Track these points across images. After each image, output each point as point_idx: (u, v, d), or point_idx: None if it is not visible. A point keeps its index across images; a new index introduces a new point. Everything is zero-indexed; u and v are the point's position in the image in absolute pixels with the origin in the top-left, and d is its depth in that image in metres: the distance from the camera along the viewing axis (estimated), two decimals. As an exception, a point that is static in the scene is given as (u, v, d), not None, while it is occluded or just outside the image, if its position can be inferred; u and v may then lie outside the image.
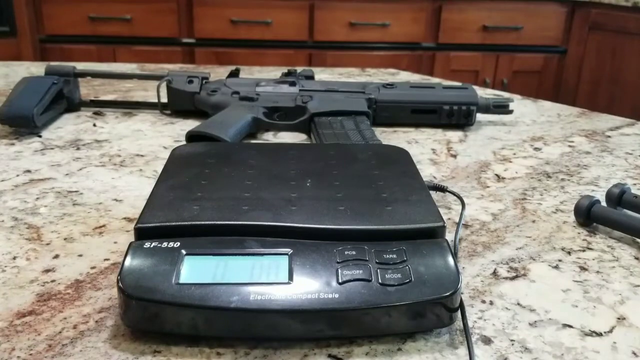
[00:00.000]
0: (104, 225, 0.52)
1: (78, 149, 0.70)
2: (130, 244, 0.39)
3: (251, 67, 1.20)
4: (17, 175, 0.62)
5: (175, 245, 0.39)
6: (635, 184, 0.65)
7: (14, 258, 0.46)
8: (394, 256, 0.39)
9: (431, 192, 0.48)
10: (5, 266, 0.45)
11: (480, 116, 0.85)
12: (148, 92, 0.96)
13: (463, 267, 0.47)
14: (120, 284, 0.36)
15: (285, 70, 0.87)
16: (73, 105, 0.84)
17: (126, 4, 2.23)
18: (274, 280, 0.37)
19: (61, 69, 0.83)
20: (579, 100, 2.32)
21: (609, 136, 0.82)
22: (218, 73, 1.02)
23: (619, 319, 0.41)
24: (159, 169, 0.49)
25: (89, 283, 0.43)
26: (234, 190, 0.45)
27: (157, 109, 0.85)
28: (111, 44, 2.27)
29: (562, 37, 2.33)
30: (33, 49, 2.25)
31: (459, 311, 0.39)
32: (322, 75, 1.14)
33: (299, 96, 0.80)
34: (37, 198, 0.57)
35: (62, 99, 0.82)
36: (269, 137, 0.77)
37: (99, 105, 0.87)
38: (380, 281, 0.37)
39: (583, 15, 2.27)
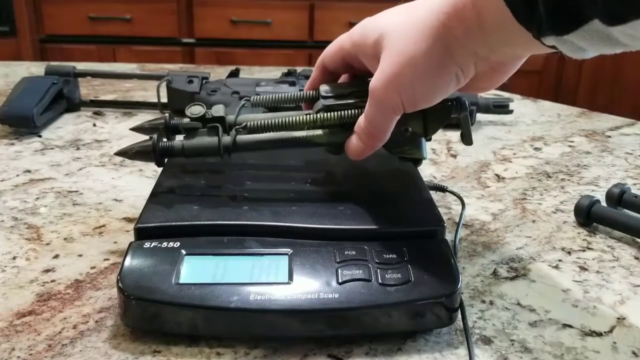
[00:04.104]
0: (104, 225, 0.52)
1: (78, 149, 0.70)
2: (130, 244, 0.39)
3: (251, 67, 1.20)
4: (17, 175, 0.62)
5: (175, 245, 0.39)
6: (635, 184, 0.65)
7: (14, 258, 0.46)
8: (394, 256, 0.39)
9: (431, 192, 0.48)
10: (5, 266, 0.45)
11: (480, 116, 0.85)
12: (148, 92, 0.96)
13: (463, 267, 0.47)
14: (120, 284, 0.36)
15: (285, 70, 0.87)
16: (73, 105, 0.84)
17: (126, 4, 2.23)
18: (274, 280, 0.37)
19: (61, 69, 0.83)
20: (579, 100, 2.32)
21: (609, 136, 0.82)
22: (218, 73, 1.02)
23: (619, 319, 0.41)
24: (159, 169, 0.48)
25: (89, 283, 0.43)
26: (234, 190, 0.45)
27: (157, 109, 0.85)
28: (111, 44, 2.27)
29: (562, 37, 2.33)
30: (33, 49, 2.25)
31: (459, 311, 0.39)
32: (322, 75, 1.13)
33: (299, 96, 0.80)
34: (37, 198, 0.57)
35: (62, 99, 0.82)
36: (269, 137, 0.77)
37: (99, 105, 0.87)
38: (380, 281, 0.37)
39: (583, 15, 2.27)
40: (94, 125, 0.79)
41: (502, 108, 0.83)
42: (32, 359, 0.35)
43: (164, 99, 0.84)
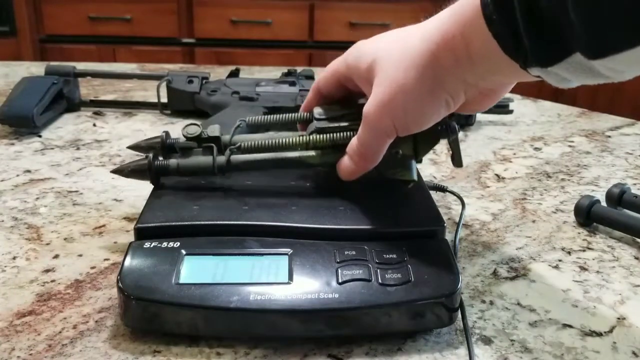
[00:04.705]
0: (104, 225, 0.52)
1: (78, 149, 0.70)
2: (130, 244, 0.39)
3: (251, 67, 1.20)
4: (17, 175, 0.62)
5: (175, 245, 0.39)
6: (635, 184, 0.65)
7: (14, 258, 0.46)
8: (394, 256, 0.39)
9: (431, 192, 0.48)
10: (5, 266, 0.45)
11: (480, 116, 0.85)
12: (148, 92, 0.96)
13: (463, 267, 0.47)
14: (120, 284, 0.36)
15: (285, 70, 0.87)
16: (73, 105, 0.84)
17: (126, 4, 2.23)
18: (274, 280, 0.37)
19: (61, 69, 0.83)
20: (579, 100, 2.32)
21: (609, 136, 0.82)
22: (218, 73, 1.02)
23: (619, 319, 0.41)
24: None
25: (89, 283, 0.43)
26: (234, 190, 0.45)
27: (157, 109, 0.85)
28: (111, 44, 2.27)
29: (562, 37, 2.33)
30: (33, 49, 2.25)
31: (459, 311, 0.39)
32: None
33: (299, 96, 0.80)
34: (37, 198, 0.57)
35: (62, 99, 0.82)
36: (269, 137, 0.77)
37: (99, 105, 0.87)
38: (380, 281, 0.37)
39: (583, 15, 2.27)
40: (94, 125, 0.79)
41: (502, 108, 0.83)
42: (32, 359, 0.35)
43: (164, 99, 0.84)
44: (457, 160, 0.46)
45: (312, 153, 0.45)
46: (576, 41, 0.30)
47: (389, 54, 0.40)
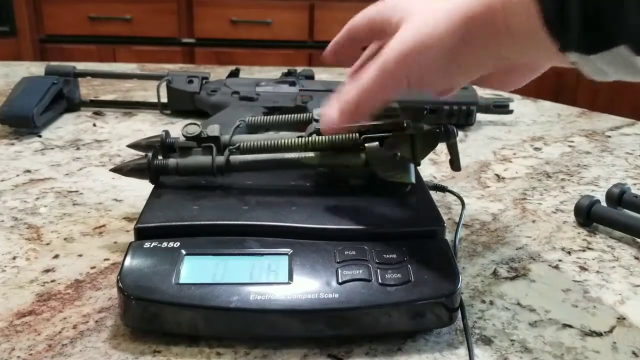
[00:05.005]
0: (104, 225, 0.52)
1: (78, 149, 0.70)
2: (130, 244, 0.39)
3: (251, 67, 1.20)
4: (17, 175, 0.62)
5: (175, 245, 0.39)
6: (635, 184, 0.65)
7: (14, 258, 0.46)
8: (394, 256, 0.39)
9: (431, 192, 0.48)
10: (5, 266, 0.45)
11: (480, 116, 0.85)
12: (148, 92, 0.96)
13: (463, 267, 0.47)
14: (120, 284, 0.36)
15: (285, 70, 0.87)
16: (73, 105, 0.84)
17: (126, 4, 2.23)
18: (274, 280, 0.37)
19: (61, 69, 0.83)
20: (579, 100, 2.32)
21: (609, 136, 0.82)
22: (218, 73, 1.02)
23: (619, 319, 0.41)
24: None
25: (89, 283, 0.43)
26: (234, 189, 0.45)
27: (157, 109, 0.85)
28: (111, 44, 2.27)
29: (562, 37, 2.32)
30: (33, 49, 2.25)
31: (459, 311, 0.39)
32: (322, 75, 1.13)
33: (299, 96, 0.80)
34: (37, 198, 0.57)
35: (62, 99, 0.82)
36: (269, 137, 0.77)
37: (99, 105, 0.87)
38: (380, 281, 0.37)
39: (583, 15, 2.27)
40: (94, 125, 0.79)
41: (502, 108, 0.83)
42: (32, 359, 0.35)
43: (164, 99, 0.84)
44: (455, 165, 0.47)
45: (310, 154, 0.45)
46: (626, 33, 0.28)
47: (424, 9, 0.38)
